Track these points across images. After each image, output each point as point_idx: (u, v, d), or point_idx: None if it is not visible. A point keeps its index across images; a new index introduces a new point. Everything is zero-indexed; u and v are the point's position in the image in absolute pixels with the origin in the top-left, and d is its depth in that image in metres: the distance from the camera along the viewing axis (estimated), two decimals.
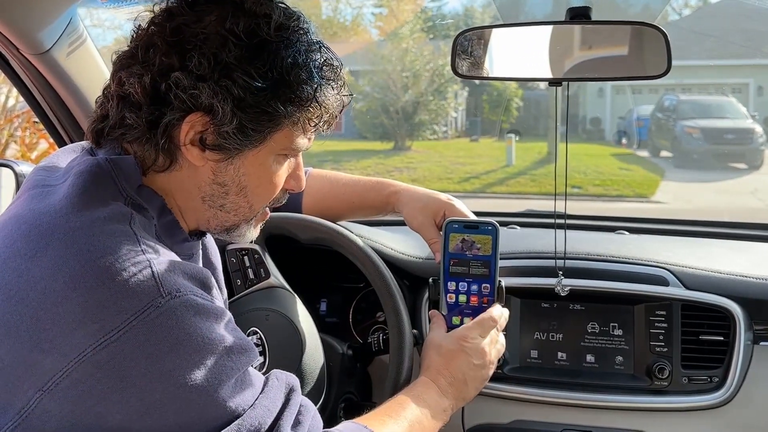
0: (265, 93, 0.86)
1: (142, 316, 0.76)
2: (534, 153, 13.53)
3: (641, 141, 14.71)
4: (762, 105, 15.85)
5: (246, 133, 0.87)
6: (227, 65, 0.84)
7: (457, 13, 19.89)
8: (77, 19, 1.43)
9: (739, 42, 14.97)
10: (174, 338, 0.78)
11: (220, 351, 0.81)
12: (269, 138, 0.90)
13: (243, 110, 0.85)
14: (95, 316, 0.75)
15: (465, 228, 1.26)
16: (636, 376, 1.35)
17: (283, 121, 0.89)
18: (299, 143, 0.93)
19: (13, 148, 7.00)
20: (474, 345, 1.11)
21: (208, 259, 1.13)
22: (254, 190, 0.94)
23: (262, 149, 0.91)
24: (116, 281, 0.77)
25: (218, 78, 0.84)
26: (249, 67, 0.85)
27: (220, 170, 0.91)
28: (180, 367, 0.78)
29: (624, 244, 1.54)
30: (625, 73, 1.22)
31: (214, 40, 0.84)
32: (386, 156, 14.23)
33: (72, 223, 0.81)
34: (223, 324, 0.84)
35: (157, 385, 0.77)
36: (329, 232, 1.31)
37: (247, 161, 0.91)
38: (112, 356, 0.75)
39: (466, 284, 1.25)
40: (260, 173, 0.93)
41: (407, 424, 1.00)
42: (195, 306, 0.80)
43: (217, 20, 0.86)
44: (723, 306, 1.33)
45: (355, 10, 21.51)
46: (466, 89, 17.65)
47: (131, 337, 0.76)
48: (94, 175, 0.87)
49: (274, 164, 0.94)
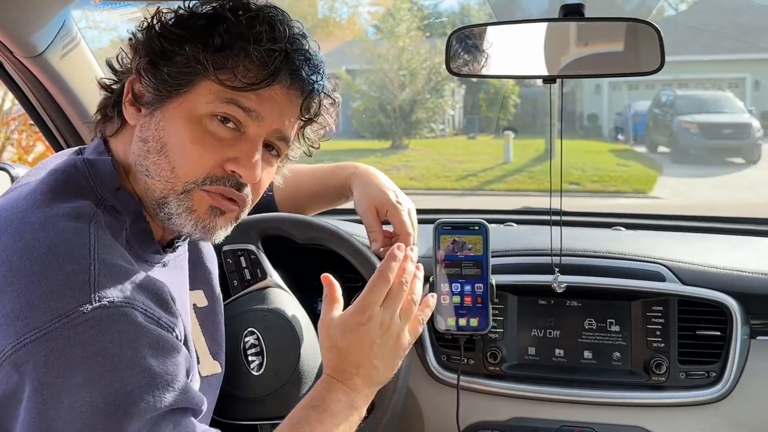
0: (178, 38, 0.88)
1: (66, 320, 0.72)
2: (532, 150, 13.53)
3: (637, 136, 14.72)
4: (759, 99, 15.85)
5: (162, 78, 0.88)
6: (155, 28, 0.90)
7: (453, 11, 19.88)
8: (70, 21, 1.43)
9: (735, 37, 14.98)
10: (91, 351, 0.72)
11: (139, 380, 0.74)
12: (190, 89, 0.88)
13: (159, 56, 0.88)
14: (22, 313, 0.73)
15: (455, 229, 1.26)
16: (633, 371, 1.35)
17: (197, 66, 0.87)
18: (225, 96, 0.87)
19: (9, 151, 6.99)
20: (371, 322, 0.94)
21: (203, 263, 1.12)
22: (174, 148, 0.87)
23: (184, 101, 0.88)
24: (50, 280, 0.74)
25: (145, 38, 0.90)
26: (168, 21, 0.90)
27: (145, 125, 0.90)
28: (90, 383, 0.72)
29: (620, 241, 1.55)
30: (619, 69, 1.22)
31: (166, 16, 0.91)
32: (384, 155, 14.23)
33: (28, 217, 0.80)
34: (157, 352, 0.77)
35: (64, 399, 0.71)
36: (325, 231, 1.31)
37: (168, 113, 0.89)
38: (29, 357, 0.71)
39: (460, 285, 1.26)
40: (181, 130, 0.87)
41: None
42: (127, 320, 0.75)
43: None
44: (719, 301, 1.33)
45: (351, 8, 21.50)
46: (463, 87, 17.65)
47: (50, 340, 0.72)
48: (67, 174, 0.87)
49: (199, 124, 0.88)
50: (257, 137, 0.90)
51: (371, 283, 0.96)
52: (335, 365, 0.95)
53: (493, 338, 1.39)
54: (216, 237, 0.93)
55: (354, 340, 0.94)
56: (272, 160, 0.96)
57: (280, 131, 0.92)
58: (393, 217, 1.20)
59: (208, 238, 0.93)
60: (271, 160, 0.96)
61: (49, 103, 1.51)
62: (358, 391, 0.95)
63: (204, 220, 0.90)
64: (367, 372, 0.95)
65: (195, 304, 1.09)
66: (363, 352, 0.94)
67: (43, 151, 6.59)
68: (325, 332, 0.97)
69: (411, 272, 0.99)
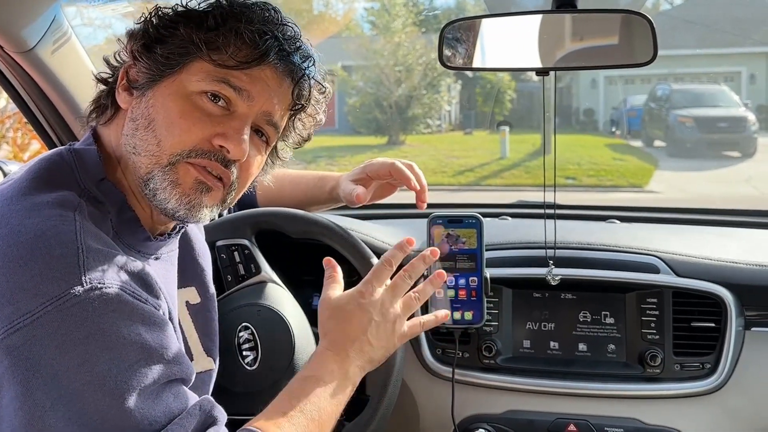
0: (174, 22, 0.91)
1: (58, 303, 0.73)
2: (528, 145, 13.52)
3: (632, 131, 14.73)
4: (754, 93, 15.88)
5: (156, 60, 0.90)
6: (150, 16, 0.93)
7: (448, 6, 19.86)
8: (61, 16, 1.42)
9: (730, 30, 14.99)
10: (86, 331, 0.74)
11: (136, 355, 0.76)
12: (182, 70, 0.90)
13: (154, 40, 0.91)
14: (12, 298, 0.74)
15: (449, 223, 1.26)
16: (628, 363, 1.35)
17: (189, 46, 0.89)
18: (216, 75, 0.89)
19: (5, 149, 6.97)
20: (371, 300, 0.99)
21: (195, 259, 1.12)
22: (161, 123, 0.88)
23: (175, 80, 0.90)
24: (39, 264, 0.75)
25: (143, 27, 0.92)
26: (168, 9, 0.92)
27: (135, 106, 0.92)
28: (88, 362, 0.73)
29: (615, 233, 1.55)
30: (612, 61, 1.21)
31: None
32: (380, 151, 14.21)
33: (14, 205, 0.81)
34: (150, 327, 0.79)
35: (63, 379, 0.73)
36: (319, 226, 1.31)
37: (159, 92, 0.90)
38: (23, 342, 0.72)
39: (454, 278, 1.25)
40: (170, 106, 0.89)
41: (304, 419, 0.88)
42: (118, 301, 0.77)
43: None
44: (714, 293, 1.33)
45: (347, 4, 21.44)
46: (459, 82, 17.64)
47: (43, 324, 0.73)
48: (52, 164, 0.88)
49: (189, 100, 0.89)
50: (246, 116, 0.91)
51: (375, 268, 1.02)
52: (331, 337, 0.98)
53: (488, 331, 1.39)
54: (202, 216, 0.92)
55: (353, 314, 0.98)
56: (261, 147, 0.97)
57: (269, 113, 0.94)
58: (396, 172, 1.29)
59: (193, 217, 0.91)
60: (260, 146, 0.97)
61: (41, 98, 1.50)
62: (351, 361, 0.97)
63: (188, 195, 0.89)
64: (361, 346, 0.98)
65: (188, 301, 1.08)
66: (361, 326, 0.98)
67: (38, 149, 6.56)
68: (326, 307, 1.00)
69: (419, 271, 1.05)
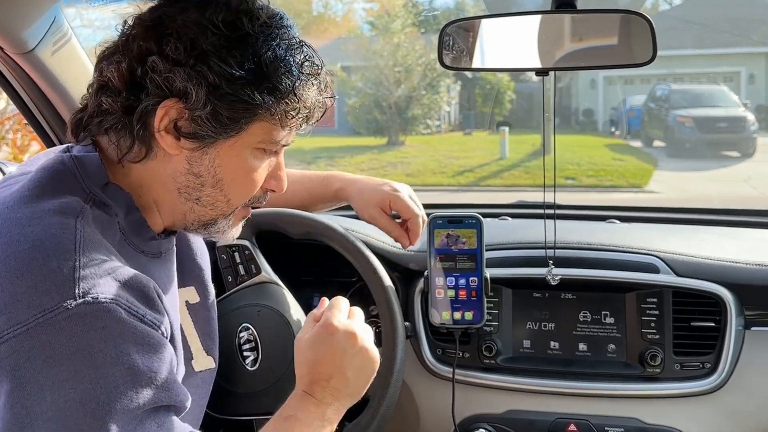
0: (242, 81, 0.85)
1: (50, 316, 0.73)
2: (528, 145, 13.53)
3: (631, 131, 14.74)
4: (754, 93, 15.90)
5: (220, 121, 0.86)
6: (204, 52, 0.84)
7: (448, 7, 19.86)
8: (61, 17, 1.42)
9: (729, 30, 15.00)
10: (74, 346, 0.72)
11: (124, 376, 0.74)
12: (245, 129, 0.88)
13: (218, 97, 0.84)
14: (5, 308, 0.73)
15: (449, 223, 1.27)
16: (628, 363, 1.36)
17: (258, 111, 0.87)
18: (277, 137, 0.91)
19: (4, 150, 6.97)
20: (338, 332, 0.97)
21: (193, 259, 1.12)
22: (230, 183, 0.92)
23: (238, 140, 0.89)
24: (35, 275, 0.74)
25: (194, 63, 0.83)
26: (226, 55, 0.84)
27: (195, 160, 0.89)
28: (73, 379, 0.72)
29: (614, 233, 1.55)
30: (612, 61, 1.21)
31: (193, 27, 0.85)
32: (380, 151, 14.21)
33: (16, 213, 0.81)
34: (142, 348, 0.77)
35: (47, 394, 0.72)
36: (319, 226, 1.31)
37: (223, 152, 0.89)
38: (10, 352, 0.72)
39: (454, 279, 1.26)
40: (236, 166, 0.91)
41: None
42: (111, 317, 0.75)
43: (198, 11, 0.86)
44: (714, 292, 1.33)
45: (346, 5, 21.46)
46: (459, 83, 17.64)
47: (32, 335, 0.72)
48: (55, 171, 0.87)
49: (251, 158, 0.91)
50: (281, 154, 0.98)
51: (333, 300, 1.04)
52: (307, 379, 0.97)
53: (488, 331, 1.39)
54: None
55: (324, 350, 0.97)
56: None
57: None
58: (397, 204, 1.29)
59: (219, 239, 1.01)
60: None
61: (41, 99, 1.50)
62: (328, 403, 0.96)
63: (234, 228, 1.00)
64: (338, 383, 0.96)
65: (187, 300, 1.09)
66: (335, 362, 0.97)
67: (37, 151, 6.56)
68: (298, 348, 1.00)
69: None
